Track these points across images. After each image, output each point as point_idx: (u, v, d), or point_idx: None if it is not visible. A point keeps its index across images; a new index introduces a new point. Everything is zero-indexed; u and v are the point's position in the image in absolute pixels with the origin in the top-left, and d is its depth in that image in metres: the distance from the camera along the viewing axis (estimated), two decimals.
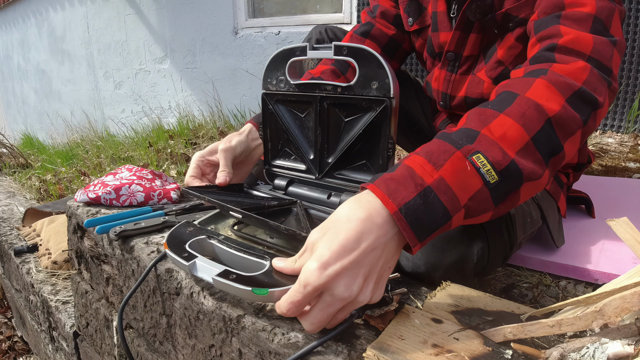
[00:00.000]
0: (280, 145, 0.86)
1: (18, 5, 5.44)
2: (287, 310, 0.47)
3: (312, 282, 0.45)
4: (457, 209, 0.48)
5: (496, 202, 0.51)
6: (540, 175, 0.52)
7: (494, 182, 0.49)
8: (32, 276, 1.44)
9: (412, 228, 0.46)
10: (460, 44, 0.90)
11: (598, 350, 0.43)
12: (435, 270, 0.65)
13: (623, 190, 1.23)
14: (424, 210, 0.47)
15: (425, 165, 0.49)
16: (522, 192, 0.52)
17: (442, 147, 0.51)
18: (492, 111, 0.54)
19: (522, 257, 0.94)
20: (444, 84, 0.96)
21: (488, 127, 0.52)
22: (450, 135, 0.52)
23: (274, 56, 0.80)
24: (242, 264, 0.63)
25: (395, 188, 0.47)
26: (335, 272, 0.44)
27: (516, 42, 0.82)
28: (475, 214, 0.50)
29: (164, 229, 0.88)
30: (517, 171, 0.50)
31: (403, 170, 0.49)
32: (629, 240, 0.49)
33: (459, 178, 0.48)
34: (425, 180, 0.48)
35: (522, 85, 0.56)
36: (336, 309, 0.46)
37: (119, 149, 2.98)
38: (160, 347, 0.82)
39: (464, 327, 0.51)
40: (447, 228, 0.49)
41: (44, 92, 5.47)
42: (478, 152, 0.50)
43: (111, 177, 1.08)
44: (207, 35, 3.28)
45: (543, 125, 0.52)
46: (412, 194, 0.47)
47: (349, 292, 0.45)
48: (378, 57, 0.67)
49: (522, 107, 0.53)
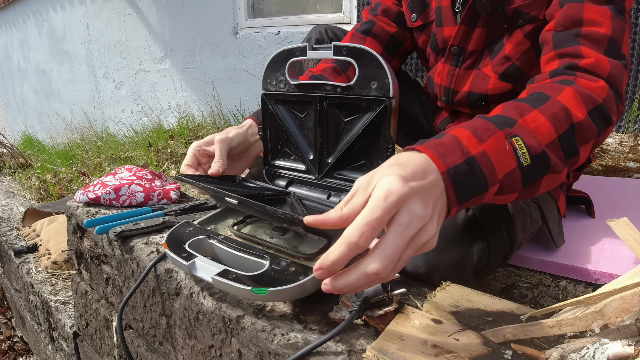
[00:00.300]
0: (279, 146, 0.86)
1: (18, 5, 5.44)
2: (360, 234, 0.41)
3: (397, 191, 0.42)
4: (494, 182, 0.52)
5: (524, 184, 0.55)
6: (560, 171, 0.57)
7: (526, 165, 0.53)
8: (32, 276, 1.44)
9: (455, 190, 0.48)
10: (465, 38, 0.89)
11: (598, 350, 0.43)
12: (435, 270, 0.65)
13: (623, 190, 1.23)
14: (468, 176, 0.50)
15: (471, 138, 0.52)
16: (544, 181, 0.57)
17: (485, 125, 0.54)
18: (528, 106, 0.58)
19: (522, 257, 0.94)
20: (448, 78, 0.95)
21: (524, 119, 0.56)
22: (491, 118, 0.56)
23: (273, 56, 0.80)
24: (242, 263, 0.63)
25: (444, 152, 0.50)
26: (415, 187, 0.44)
27: (525, 38, 0.82)
28: (506, 191, 0.54)
29: (164, 229, 0.88)
30: (546, 160, 0.55)
31: (450, 138, 0.52)
32: (629, 240, 0.49)
33: (499, 155, 0.52)
34: (471, 150, 0.51)
35: (553, 89, 0.61)
36: (412, 233, 0.43)
37: (118, 149, 2.98)
38: (160, 348, 0.82)
39: (463, 327, 0.51)
40: (481, 199, 0.52)
41: (44, 92, 5.47)
42: (517, 135, 0.54)
43: (111, 177, 1.08)
44: (207, 35, 3.28)
45: (568, 129, 0.57)
46: (459, 159, 0.50)
47: (426, 211, 0.44)
48: (377, 57, 0.67)
49: (554, 108, 0.57)
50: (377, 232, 0.42)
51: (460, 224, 0.65)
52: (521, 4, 0.80)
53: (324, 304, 0.60)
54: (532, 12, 0.79)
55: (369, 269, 0.42)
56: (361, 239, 0.41)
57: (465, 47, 0.90)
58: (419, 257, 0.65)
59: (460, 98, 0.95)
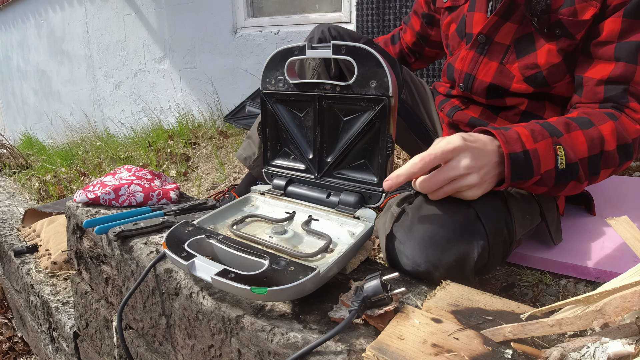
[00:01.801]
0: (279, 145, 0.85)
1: (17, 5, 5.44)
2: (420, 160, 0.63)
3: (454, 141, 0.63)
4: (538, 173, 0.68)
5: (555, 183, 0.71)
6: (583, 182, 0.73)
7: (561, 169, 0.69)
8: (32, 277, 1.43)
9: (511, 169, 0.66)
10: (494, 29, 0.90)
11: (598, 349, 0.42)
12: (435, 269, 0.65)
13: (623, 189, 1.23)
14: (523, 163, 0.66)
15: (529, 137, 0.68)
16: (569, 185, 0.72)
17: (541, 130, 0.70)
18: (575, 125, 0.73)
19: (522, 256, 0.94)
20: (470, 64, 0.96)
21: (570, 134, 0.71)
22: (545, 124, 0.71)
23: (272, 56, 0.79)
24: (241, 263, 0.63)
25: (509, 141, 0.67)
26: (470, 146, 0.64)
27: (558, 53, 0.84)
28: (541, 184, 0.70)
29: (163, 229, 0.88)
30: (576, 170, 0.71)
31: (513, 133, 0.68)
32: (629, 239, 0.49)
33: (545, 155, 0.68)
34: (527, 146, 0.67)
35: (599, 119, 0.75)
36: (455, 174, 0.63)
37: (118, 149, 2.97)
38: (160, 348, 0.82)
39: (463, 326, 0.51)
40: (524, 183, 0.69)
41: (44, 92, 5.47)
42: (561, 145, 0.70)
43: (110, 177, 1.07)
44: (206, 34, 3.28)
45: (597, 153, 0.72)
46: (518, 149, 0.67)
47: (472, 165, 0.63)
48: (377, 55, 0.67)
49: (593, 134, 0.72)
50: (433, 163, 0.63)
51: (460, 221, 0.65)
52: (565, 18, 0.81)
53: (324, 303, 0.60)
54: (572, 30, 0.81)
55: (416, 182, 0.65)
56: (420, 163, 0.63)
57: (492, 37, 0.91)
58: (419, 255, 0.65)
59: (479, 86, 0.95)
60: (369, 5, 2.20)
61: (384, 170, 0.71)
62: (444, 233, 0.65)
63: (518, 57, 0.89)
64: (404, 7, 2.10)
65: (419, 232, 0.66)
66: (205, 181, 1.98)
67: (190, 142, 2.61)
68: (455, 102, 1.05)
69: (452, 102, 1.06)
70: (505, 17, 0.88)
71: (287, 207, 0.79)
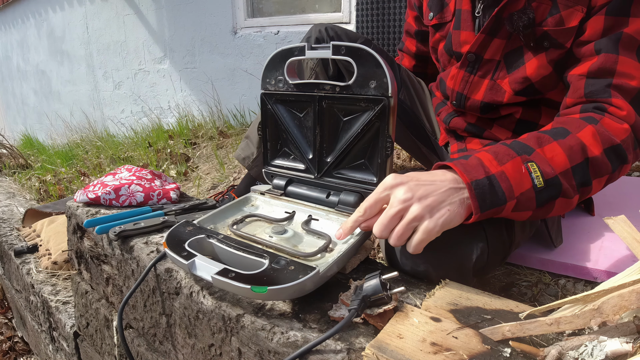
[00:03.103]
0: (279, 145, 0.86)
1: (17, 6, 5.44)
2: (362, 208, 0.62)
3: (386, 182, 0.61)
4: (512, 197, 0.61)
5: (538, 204, 0.63)
6: (572, 196, 0.65)
7: (540, 187, 0.63)
8: (32, 277, 1.44)
9: (477, 199, 0.60)
10: (483, 46, 0.89)
11: (596, 348, 0.43)
12: (434, 269, 0.65)
13: (623, 189, 1.23)
14: (488, 189, 0.60)
15: (492, 161, 0.63)
16: (556, 204, 0.65)
17: (506, 151, 0.64)
18: (548, 137, 0.67)
19: (521, 256, 0.94)
20: (461, 84, 0.95)
21: (542, 149, 0.65)
22: (511, 145, 0.66)
23: (272, 56, 0.80)
24: (242, 262, 0.63)
25: (468, 169, 0.61)
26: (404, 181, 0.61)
27: (548, 64, 0.83)
28: (521, 208, 0.63)
29: (164, 228, 0.88)
30: (558, 184, 0.64)
31: (474, 160, 0.63)
32: (627, 238, 0.49)
33: (516, 176, 0.62)
34: (491, 170, 0.62)
35: (575, 125, 0.69)
36: (396, 210, 0.59)
37: (118, 149, 2.98)
38: (160, 347, 0.82)
39: (462, 325, 0.51)
40: (500, 212, 0.62)
41: (44, 92, 5.47)
42: (533, 162, 0.63)
43: (111, 177, 1.08)
44: (206, 35, 3.28)
45: (582, 162, 0.66)
46: (481, 175, 0.61)
47: (406, 196, 0.59)
48: (376, 56, 0.67)
49: (571, 142, 0.66)
50: (374, 206, 0.62)
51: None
52: (551, 29, 0.80)
53: (324, 302, 0.60)
54: (560, 39, 0.80)
55: (373, 230, 0.61)
56: (361, 209, 0.62)
57: (482, 55, 0.90)
58: (418, 255, 0.65)
59: (472, 104, 0.95)
60: (369, 6, 2.20)
61: (383, 170, 0.71)
62: (443, 235, 0.65)
63: (508, 72, 0.88)
64: (404, 8, 2.10)
65: None
66: (205, 181, 1.98)
67: (190, 142, 2.61)
68: (450, 109, 1.05)
69: (448, 108, 1.06)
70: (492, 34, 0.87)
71: (287, 206, 0.79)
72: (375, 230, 0.60)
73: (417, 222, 0.58)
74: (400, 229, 0.58)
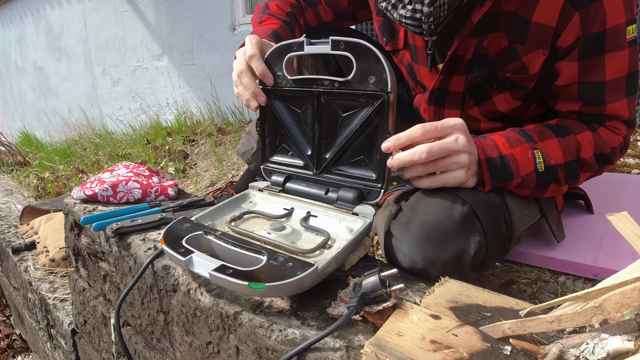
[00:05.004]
0: (277, 142, 0.85)
1: (15, 2, 5.42)
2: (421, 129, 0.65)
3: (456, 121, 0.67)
4: (517, 176, 0.72)
5: (537, 185, 0.74)
6: (562, 184, 0.77)
7: (540, 171, 0.73)
8: (30, 274, 1.43)
9: (490, 173, 0.70)
10: (444, 83, 0.92)
11: (598, 346, 0.42)
12: (433, 265, 0.64)
13: (622, 186, 1.23)
14: (499, 166, 0.70)
15: (505, 144, 0.72)
16: (550, 188, 0.76)
17: (517, 137, 0.74)
18: (551, 133, 0.77)
19: (521, 253, 0.94)
20: (435, 118, 0.98)
21: (543, 143, 0.75)
22: (521, 132, 0.76)
23: (270, 52, 0.79)
24: (239, 259, 0.63)
25: (485, 148, 0.71)
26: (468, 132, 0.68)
27: (514, 100, 0.88)
28: (523, 187, 0.74)
29: (161, 225, 0.87)
30: (555, 172, 0.75)
31: (489, 141, 0.72)
32: (629, 235, 0.49)
33: (523, 159, 0.72)
34: (503, 151, 0.71)
35: (577, 127, 0.79)
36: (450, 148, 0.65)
37: (116, 147, 2.97)
38: (158, 344, 0.82)
39: (462, 323, 0.51)
40: (507, 186, 0.72)
41: (42, 89, 5.46)
42: (538, 149, 0.74)
43: (108, 174, 1.07)
44: (205, 31, 3.27)
45: (574, 160, 0.77)
46: (495, 154, 0.71)
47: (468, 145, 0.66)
48: (375, 51, 0.66)
49: (569, 142, 0.76)
50: (432, 133, 0.66)
51: (457, 217, 0.65)
52: (512, 76, 0.83)
53: (322, 299, 0.59)
54: (523, 84, 0.84)
55: (416, 151, 0.65)
56: (420, 130, 0.65)
57: (446, 88, 0.93)
58: (416, 252, 0.65)
59: None
60: None
61: (382, 167, 0.70)
62: (440, 229, 0.65)
63: (476, 104, 0.91)
64: None
65: (415, 229, 0.66)
66: (204, 178, 1.98)
67: (188, 139, 2.60)
68: None
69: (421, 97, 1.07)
70: (450, 72, 0.89)
71: (285, 203, 0.79)
72: (420, 154, 0.64)
73: (458, 168, 0.67)
74: (441, 166, 0.67)
